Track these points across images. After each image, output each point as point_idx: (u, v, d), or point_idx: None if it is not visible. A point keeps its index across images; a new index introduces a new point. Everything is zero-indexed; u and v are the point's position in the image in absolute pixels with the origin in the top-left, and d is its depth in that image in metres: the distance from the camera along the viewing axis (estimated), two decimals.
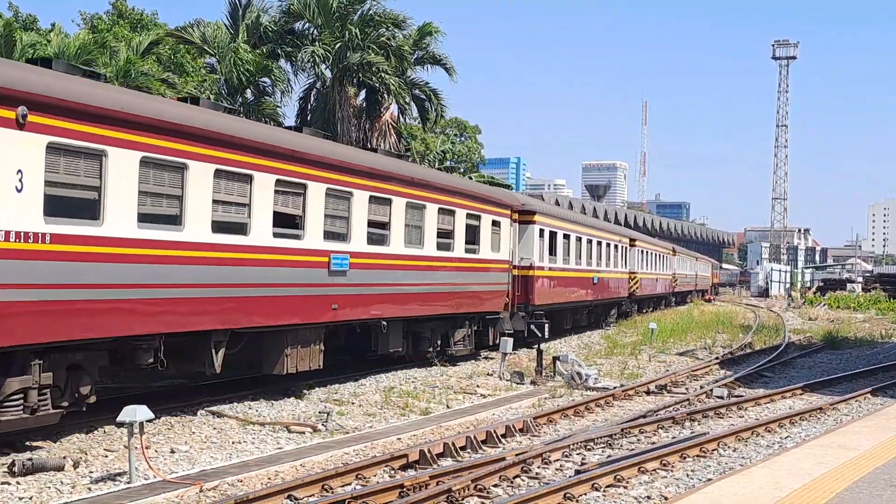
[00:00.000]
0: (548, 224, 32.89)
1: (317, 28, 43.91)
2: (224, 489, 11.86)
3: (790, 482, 11.19)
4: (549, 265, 32.76)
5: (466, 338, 26.19)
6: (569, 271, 36.01)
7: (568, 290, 36.01)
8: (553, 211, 35.80)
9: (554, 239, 33.78)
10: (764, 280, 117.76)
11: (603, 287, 42.37)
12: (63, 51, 38.11)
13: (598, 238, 42.20)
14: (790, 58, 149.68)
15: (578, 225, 38.82)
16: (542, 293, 31.64)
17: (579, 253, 37.93)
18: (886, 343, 39.13)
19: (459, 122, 76.06)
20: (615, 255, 45.97)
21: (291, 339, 18.32)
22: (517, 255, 29.84)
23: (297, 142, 18.74)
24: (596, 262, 41.02)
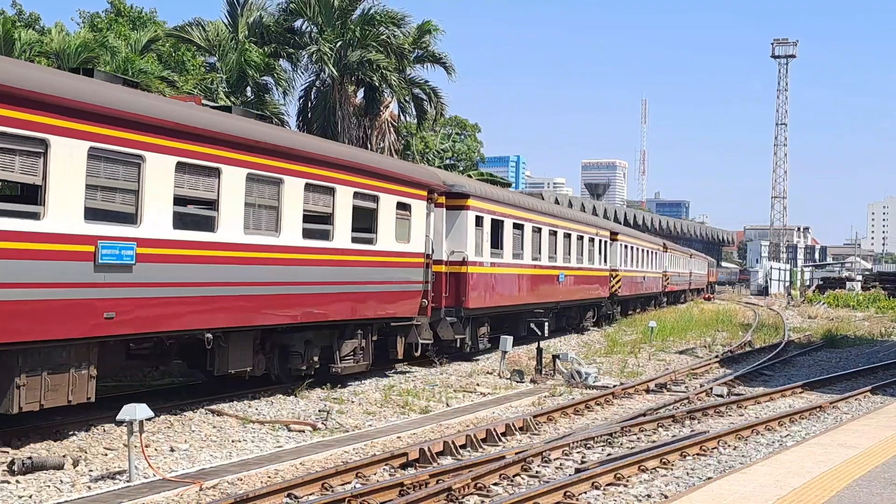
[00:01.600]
0: (488, 210, 27.50)
1: (317, 26, 43.88)
2: (224, 488, 11.85)
3: (790, 480, 11.18)
4: (490, 260, 27.52)
5: (360, 350, 20.78)
6: (521, 268, 30.65)
7: (520, 289, 30.75)
8: (496, 195, 29.39)
9: (499, 229, 28.62)
10: (763, 278, 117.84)
11: (573, 286, 37.38)
12: (63, 49, 38.10)
13: (567, 229, 36.85)
14: (790, 56, 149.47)
15: (535, 213, 32.87)
16: (479, 293, 26.50)
17: (538, 246, 32.67)
18: (886, 341, 39.15)
19: (459, 120, 76.05)
20: (591, 250, 40.92)
21: (30, 363, 12.95)
22: (444, 247, 25.01)
23: None
24: (563, 258, 35.74)
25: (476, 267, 26.23)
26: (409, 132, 53.01)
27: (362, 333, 20.84)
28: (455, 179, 27.55)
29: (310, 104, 45.65)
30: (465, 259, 25.33)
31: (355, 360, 20.67)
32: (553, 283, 34.32)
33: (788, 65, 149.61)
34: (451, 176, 28.68)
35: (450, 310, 24.97)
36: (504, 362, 24.73)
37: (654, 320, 40.48)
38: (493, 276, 27.85)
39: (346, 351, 20.31)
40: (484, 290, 26.94)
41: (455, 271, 25.33)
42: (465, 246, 25.53)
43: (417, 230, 22.80)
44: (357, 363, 20.76)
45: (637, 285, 53.25)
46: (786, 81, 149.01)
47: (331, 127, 42.23)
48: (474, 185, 28.13)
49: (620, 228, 52.48)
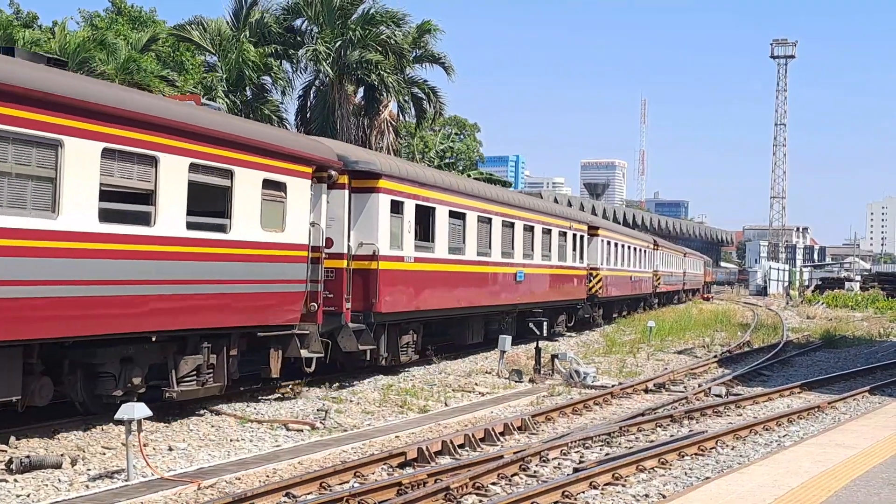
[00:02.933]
0: (411, 194, 22.87)
1: (317, 26, 43.92)
2: (222, 487, 11.86)
3: (788, 480, 11.19)
4: (414, 255, 22.94)
5: (207, 369, 16.20)
6: (461, 264, 25.96)
7: (462, 290, 26.21)
8: (422, 175, 24.32)
9: (429, 218, 24.19)
10: (762, 279, 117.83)
11: (537, 287, 32.84)
12: (64, 48, 38.13)
13: (529, 221, 31.93)
14: (789, 57, 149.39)
15: (483, 200, 27.87)
16: (397, 295, 22.12)
17: (486, 240, 28.00)
18: (884, 342, 39.14)
19: (458, 120, 76.14)
20: (563, 245, 36.26)
21: None
22: (349, 237, 20.69)
23: None
24: (523, 254, 31.18)
25: (392, 262, 21.78)
26: (408, 132, 53.05)
27: (211, 347, 16.23)
28: (360, 154, 22.01)
29: (309, 104, 45.72)
30: (375, 253, 20.97)
31: (200, 382, 16.02)
32: (509, 283, 29.86)
33: (787, 65, 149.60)
34: (354, 150, 22.85)
35: (357, 315, 20.67)
36: (503, 362, 24.74)
37: (652, 320, 40.51)
38: (420, 275, 23.30)
39: (186, 370, 15.70)
40: (404, 291, 22.49)
41: (362, 268, 20.90)
42: (375, 237, 21.07)
43: (297, 216, 18.18)
44: (203, 385, 16.12)
45: (622, 286, 48.61)
46: (785, 82, 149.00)
47: (330, 126, 42.29)
48: (389, 163, 22.66)
49: (601, 222, 47.60)
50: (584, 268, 39.22)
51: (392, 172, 22.10)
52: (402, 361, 22.98)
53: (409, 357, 23.42)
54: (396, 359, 22.61)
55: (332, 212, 20.13)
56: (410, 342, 23.45)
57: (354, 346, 20.32)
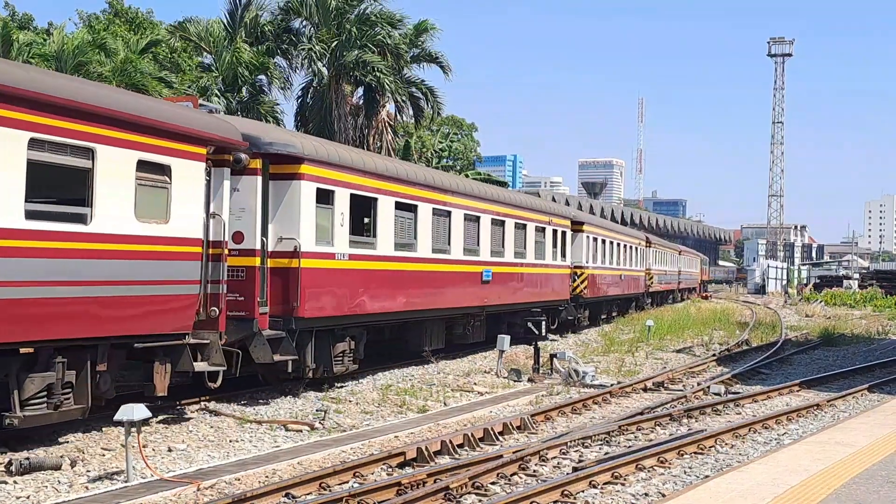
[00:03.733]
0: (344, 182, 20.10)
1: (314, 26, 43.92)
2: (221, 487, 11.85)
3: (788, 478, 11.20)
4: (349, 251, 20.26)
5: (61, 388, 13.36)
6: (411, 262, 23.16)
7: (412, 291, 23.32)
8: (358, 161, 21.11)
9: (370, 210, 21.56)
10: (760, 277, 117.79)
11: (510, 287, 30.33)
12: (61, 50, 38.13)
13: (499, 215, 29.24)
14: (786, 55, 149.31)
15: (439, 191, 24.95)
16: (325, 297, 19.40)
17: (444, 235, 25.30)
18: (883, 340, 39.16)
19: (456, 119, 76.16)
20: (541, 242, 33.43)
21: None
22: (266, 231, 18.01)
23: None
24: (491, 251, 28.51)
25: (319, 260, 19.10)
26: (406, 132, 53.06)
27: (68, 362, 13.48)
28: (276, 135, 19.06)
29: (306, 104, 45.72)
30: (296, 249, 18.29)
31: (53, 405, 13.21)
32: (474, 282, 27.16)
33: (785, 63, 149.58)
34: (268, 129, 19.86)
35: (277, 320, 18.08)
36: (501, 361, 24.74)
37: (651, 319, 40.50)
38: (357, 274, 20.62)
39: (32, 390, 12.89)
40: (336, 293, 19.80)
41: (282, 267, 18.28)
42: (296, 231, 18.37)
43: (186, 205, 15.36)
44: (57, 409, 13.31)
45: (611, 285, 45.77)
46: (782, 80, 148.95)
47: (327, 127, 42.30)
48: (313, 145, 19.52)
49: (587, 217, 44.24)
50: (567, 266, 36.58)
51: (318, 156, 19.14)
52: (336, 373, 19.90)
53: (346, 367, 20.24)
54: (329, 370, 19.66)
55: (243, 201, 17.52)
56: (347, 350, 20.29)
57: (269, 356, 17.51)
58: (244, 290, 17.45)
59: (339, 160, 20.05)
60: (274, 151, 18.07)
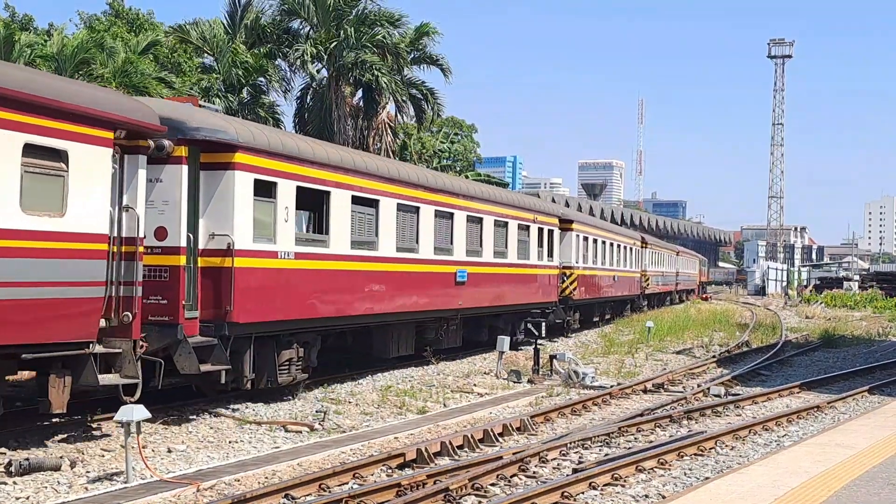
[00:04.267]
0: (289, 174, 18.18)
1: (313, 27, 43.93)
2: (221, 488, 11.85)
3: (788, 480, 11.19)
4: (295, 249, 18.37)
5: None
6: (372, 262, 21.25)
7: (373, 292, 21.38)
8: (303, 150, 18.97)
9: (321, 204, 19.67)
10: (760, 278, 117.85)
11: (489, 288, 28.15)
12: (62, 51, 38.15)
13: (475, 212, 27.12)
14: (786, 56, 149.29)
15: (408, 186, 23.10)
16: (263, 300, 17.34)
17: (412, 233, 23.40)
18: (883, 341, 39.16)
19: (456, 121, 76.15)
20: (525, 241, 31.44)
21: None
22: (186, 226, 15.90)
23: None
24: (467, 250, 26.42)
25: (258, 259, 17.21)
26: (406, 133, 53.06)
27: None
28: (205, 119, 16.74)
29: (306, 105, 45.73)
30: (230, 247, 16.38)
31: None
32: (446, 284, 25.16)
33: (785, 65, 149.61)
34: (195, 113, 17.07)
35: (208, 326, 16.23)
36: (501, 362, 24.73)
37: (651, 321, 40.50)
38: (306, 274, 18.82)
39: None
40: (280, 295, 17.93)
41: (213, 266, 16.39)
42: (230, 226, 16.46)
43: (89, 196, 13.48)
44: None
45: (603, 287, 43.82)
46: (782, 81, 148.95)
47: (327, 128, 42.29)
48: (251, 131, 17.51)
49: (576, 215, 41.87)
50: (554, 267, 34.34)
51: (256, 144, 17.17)
52: (281, 383, 18.08)
53: (293, 377, 18.40)
54: (274, 380, 17.87)
55: (167, 193, 15.71)
56: (294, 359, 18.44)
57: (195, 366, 15.48)
58: (168, 292, 15.58)
59: (283, 149, 18.12)
60: (202, 138, 16.18)
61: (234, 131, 16.78)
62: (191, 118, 16.30)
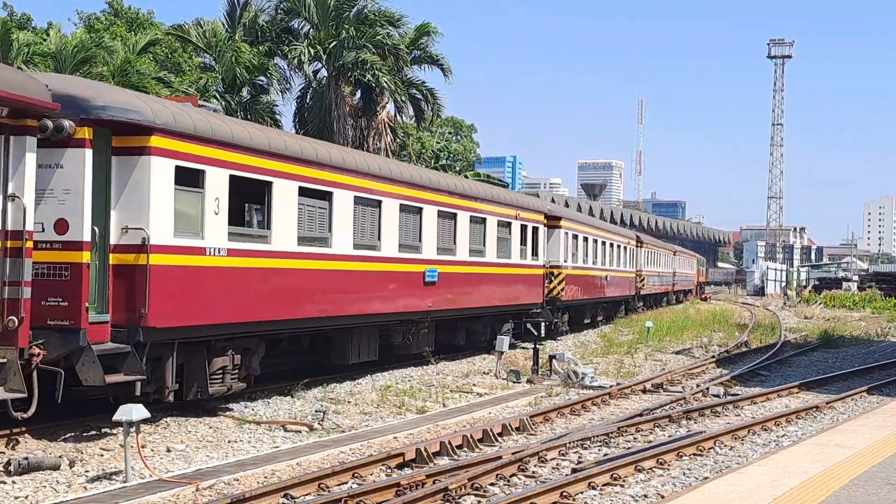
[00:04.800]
0: (220, 161, 16.11)
1: (313, 26, 43.93)
2: (220, 488, 11.85)
3: (787, 480, 11.19)
4: (226, 245, 16.29)
5: None
6: (318, 260, 19.23)
7: (325, 294, 19.54)
8: (237, 134, 16.85)
9: (265, 196, 17.70)
10: (760, 279, 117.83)
11: (464, 289, 26.19)
12: (61, 50, 38.14)
13: (446, 206, 25.08)
14: (785, 57, 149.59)
15: (367, 177, 21.02)
16: (186, 302, 15.41)
17: (371, 229, 21.42)
18: (882, 342, 39.19)
19: (455, 121, 76.14)
20: (507, 239, 29.52)
21: None
22: (90, 218, 13.95)
23: None
24: (438, 248, 24.56)
25: (179, 256, 15.23)
26: (405, 133, 53.06)
27: None
28: (115, 97, 14.90)
29: (306, 105, 45.73)
30: (145, 242, 14.51)
31: None
32: (414, 284, 23.36)
33: (784, 65, 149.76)
34: (100, 89, 15.51)
35: (121, 331, 14.40)
36: (500, 362, 24.74)
37: (650, 320, 40.51)
38: (240, 274, 16.78)
39: None
40: (210, 296, 15.98)
41: (126, 263, 14.54)
42: (145, 219, 14.58)
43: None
44: None
45: (594, 287, 41.67)
46: (782, 82, 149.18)
47: (327, 127, 42.28)
48: (171, 112, 15.31)
49: (564, 212, 39.01)
50: (539, 266, 32.37)
51: (178, 127, 15.16)
52: (212, 394, 16.30)
53: (228, 387, 16.60)
54: (204, 390, 16.10)
55: (69, 181, 13.84)
56: (230, 367, 16.63)
57: (99, 377, 13.64)
58: (69, 293, 13.70)
59: (213, 133, 15.97)
60: (110, 118, 14.18)
61: (149, 111, 14.80)
62: (98, 96, 14.45)
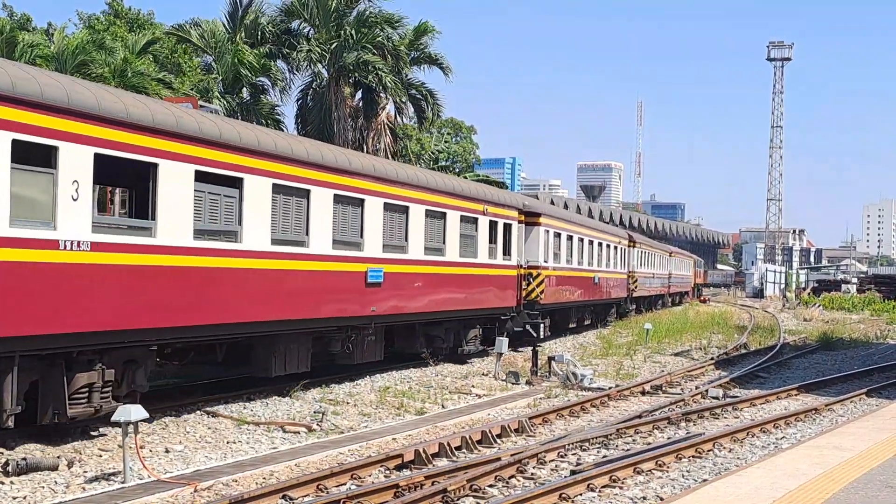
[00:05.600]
0: (71, 135, 13.35)
1: (314, 27, 43.95)
2: (219, 489, 11.84)
3: (786, 483, 11.18)
4: (88, 238, 13.58)
5: None
6: (221, 257, 16.43)
7: (237, 295, 16.73)
8: (104, 102, 14.06)
9: (149, 181, 15.06)
10: (759, 281, 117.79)
11: (413, 291, 23.14)
12: (62, 51, 38.15)
13: (398, 199, 22.26)
14: (785, 59, 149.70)
15: (278, 160, 17.94)
16: (31, 304, 12.65)
17: (298, 223, 18.72)
18: (881, 344, 39.20)
19: (455, 122, 76.15)
20: (472, 236, 26.64)
21: None
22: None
23: None
24: (385, 245, 21.68)
25: (19, 251, 12.57)
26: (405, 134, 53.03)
27: None
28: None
29: (306, 106, 45.74)
30: None
31: None
32: (353, 285, 20.44)
33: (784, 67, 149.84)
34: None
35: None
36: (499, 364, 24.73)
37: (649, 322, 40.51)
38: (110, 272, 13.99)
39: None
40: (63, 299, 13.22)
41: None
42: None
43: None
44: None
45: (581, 289, 38.78)
46: (781, 84, 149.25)
47: (326, 128, 42.29)
48: (6, 74, 12.52)
49: (545, 208, 35.61)
50: (513, 266, 29.55)
51: (17, 93, 12.48)
52: (72, 417, 13.68)
53: (96, 408, 14.00)
54: (62, 413, 13.54)
55: None
56: (98, 383, 14.04)
57: None
58: None
59: (70, 102, 13.31)
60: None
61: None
62: None
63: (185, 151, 15.44)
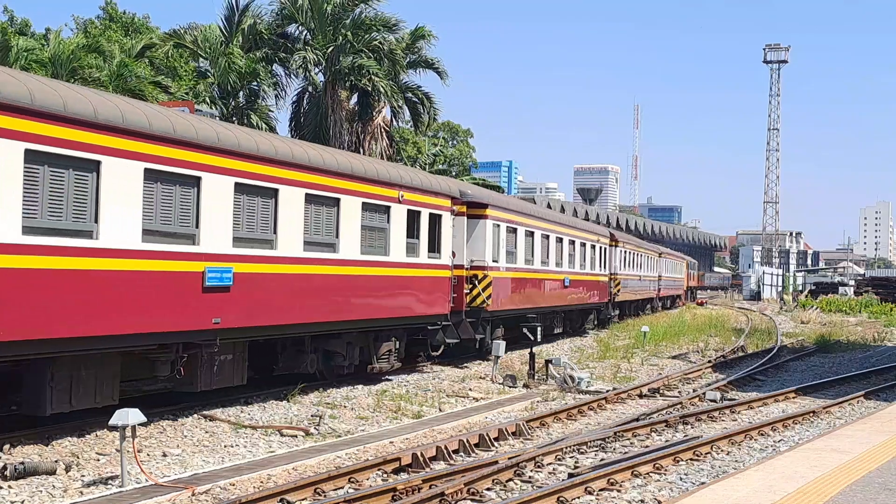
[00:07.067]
0: None
1: (310, 32, 43.96)
2: (216, 493, 11.83)
3: (784, 485, 11.18)
4: None
5: None
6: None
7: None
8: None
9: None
10: (756, 283, 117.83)
11: (278, 296, 17.66)
12: (57, 55, 38.15)
13: (254, 178, 17.08)
14: (781, 62, 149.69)
15: (56, 122, 12.88)
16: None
17: (84, 207, 13.63)
18: (879, 346, 39.21)
19: (451, 125, 76.22)
20: (384, 230, 21.78)
21: None
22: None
23: None
24: (235, 239, 16.71)
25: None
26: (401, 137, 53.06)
27: None
28: None
29: (302, 110, 45.73)
30: None
31: None
32: (185, 290, 15.56)
33: (780, 70, 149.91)
34: None
35: None
36: (497, 367, 24.72)
37: (646, 325, 40.53)
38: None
39: None
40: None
41: None
42: None
43: None
44: None
45: (544, 293, 34.11)
46: (778, 86, 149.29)
47: (322, 132, 42.27)
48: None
49: (496, 198, 30.58)
50: (442, 266, 24.55)
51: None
52: None
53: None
54: None
55: None
56: None
57: None
58: None
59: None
60: None
61: None
62: None
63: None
